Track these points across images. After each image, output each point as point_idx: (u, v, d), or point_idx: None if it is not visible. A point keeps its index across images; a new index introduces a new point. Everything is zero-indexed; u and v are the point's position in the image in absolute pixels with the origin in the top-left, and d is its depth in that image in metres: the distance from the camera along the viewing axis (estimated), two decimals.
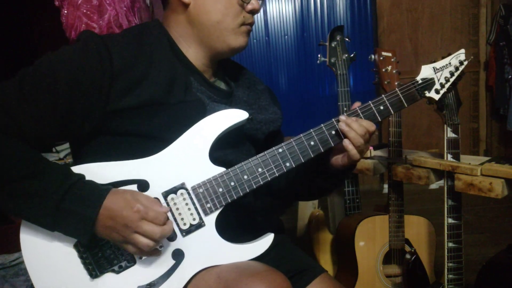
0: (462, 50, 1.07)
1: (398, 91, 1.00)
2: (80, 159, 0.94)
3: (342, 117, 0.95)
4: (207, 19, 0.98)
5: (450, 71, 1.05)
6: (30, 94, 0.84)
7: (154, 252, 0.89)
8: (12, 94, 0.84)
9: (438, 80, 1.05)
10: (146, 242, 0.84)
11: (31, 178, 0.82)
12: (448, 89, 1.06)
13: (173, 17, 1.01)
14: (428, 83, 1.04)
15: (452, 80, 1.06)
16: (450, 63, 1.05)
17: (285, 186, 1.16)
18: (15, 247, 1.97)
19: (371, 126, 0.97)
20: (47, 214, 0.83)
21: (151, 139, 0.92)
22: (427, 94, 1.04)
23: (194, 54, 1.01)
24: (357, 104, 1.00)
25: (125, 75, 0.89)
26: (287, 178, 1.14)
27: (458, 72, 1.06)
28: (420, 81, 1.03)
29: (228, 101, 1.05)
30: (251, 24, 1.03)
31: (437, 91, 1.05)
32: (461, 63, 1.06)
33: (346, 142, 0.95)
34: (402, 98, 1.00)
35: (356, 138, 0.94)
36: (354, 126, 0.95)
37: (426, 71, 1.05)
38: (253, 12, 1.01)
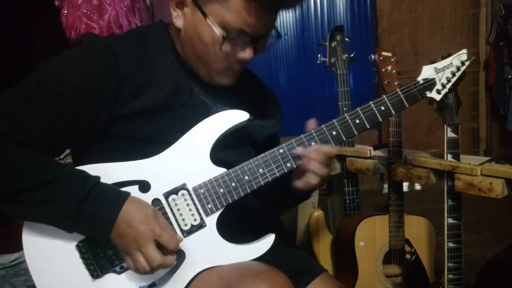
0: (464, 50, 1.05)
1: (399, 92, 0.99)
2: (81, 161, 0.93)
3: (300, 150, 0.93)
4: (192, 52, 0.95)
5: (451, 71, 1.04)
6: (37, 101, 0.83)
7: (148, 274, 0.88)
8: (19, 102, 0.83)
9: (440, 80, 1.03)
10: (144, 264, 0.84)
11: (47, 185, 0.82)
12: (450, 90, 1.05)
13: (174, 31, 0.98)
14: (430, 83, 1.02)
15: (453, 80, 1.04)
16: (451, 63, 1.04)
17: (268, 193, 1.14)
18: (15, 247, 1.97)
19: (332, 151, 0.93)
20: (67, 218, 0.83)
21: (155, 143, 0.92)
22: (428, 95, 1.03)
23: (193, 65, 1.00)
24: (311, 124, 0.97)
25: (131, 80, 0.88)
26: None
27: (460, 72, 1.04)
28: (421, 82, 1.02)
29: (231, 105, 1.04)
30: (241, 68, 0.97)
31: (438, 92, 1.03)
32: (462, 63, 1.04)
33: (308, 175, 0.93)
34: (403, 99, 0.99)
35: (318, 169, 0.92)
36: (313, 155, 0.92)
37: (427, 71, 1.03)
38: (243, 61, 0.94)
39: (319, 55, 1.69)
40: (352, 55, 1.67)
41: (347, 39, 1.68)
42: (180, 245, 0.91)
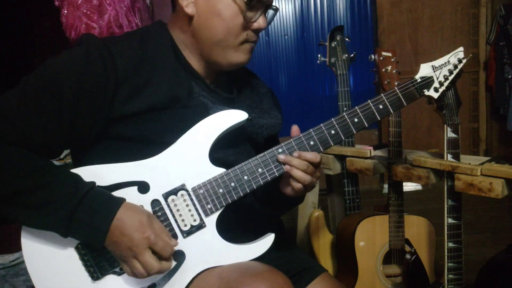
0: (461, 48, 1.07)
1: (397, 90, 1.00)
2: (80, 162, 0.93)
3: (281, 157, 0.93)
4: (209, 35, 0.96)
5: (449, 69, 1.05)
6: (34, 103, 0.83)
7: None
8: (16, 104, 0.83)
9: (437, 78, 1.05)
10: (142, 271, 0.84)
11: (41, 189, 0.81)
12: (447, 87, 1.06)
13: (178, 24, 0.99)
14: (427, 82, 1.04)
15: (451, 78, 1.06)
16: (448, 61, 1.06)
17: (263, 198, 1.14)
18: (15, 247, 1.97)
19: (315, 158, 0.93)
20: (60, 225, 0.83)
21: (154, 144, 0.91)
22: (426, 93, 1.04)
23: (196, 61, 1.00)
24: (295, 130, 0.97)
25: (129, 81, 0.88)
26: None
27: (457, 70, 1.06)
28: (419, 80, 1.03)
29: (230, 106, 1.04)
30: (255, 41, 1.01)
31: (436, 89, 1.05)
32: (459, 61, 1.06)
33: (291, 181, 0.93)
34: (401, 97, 1.00)
35: (302, 176, 0.92)
36: (294, 163, 0.92)
37: (424, 70, 1.04)
38: (259, 30, 0.99)
39: (319, 55, 1.69)
40: (352, 55, 1.67)
41: (347, 39, 1.68)
42: (180, 246, 0.91)
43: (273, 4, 1.02)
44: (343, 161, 1.64)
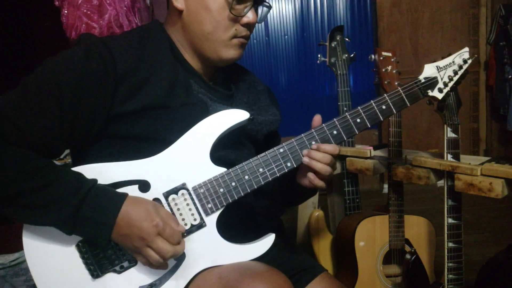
0: (466, 49, 1.05)
1: (400, 90, 0.98)
2: (80, 161, 0.93)
3: (305, 151, 0.94)
4: (198, 29, 0.97)
5: (453, 70, 1.04)
6: (35, 103, 0.83)
7: (162, 266, 0.88)
8: (17, 104, 0.83)
9: (442, 79, 1.03)
10: (157, 258, 0.85)
11: (44, 188, 0.81)
12: (452, 88, 1.05)
13: (171, 21, 1.01)
14: (431, 82, 1.02)
15: (455, 78, 1.04)
16: (453, 62, 1.04)
17: (278, 189, 1.15)
18: (15, 247, 1.97)
19: (334, 150, 0.94)
20: (64, 223, 0.83)
21: (154, 142, 0.92)
22: (430, 93, 1.02)
23: (191, 58, 1.01)
24: (317, 120, 0.97)
25: (128, 79, 0.89)
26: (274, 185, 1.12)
27: (462, 70, 1.04)
28: (423, 80, 1.01)
29: (229, 103, 1.05)
30: (246, 37, 1.00)
31: (440, 90, 1.03)
32: (465, 61, 1.04)
33: (311, 176, 0.94)
34: (404, 98, 0.98)
35: (323, 168, 0.93)
36: (316, 156, 0.93)
37: (429, 70, 1.03)
38: (249, 25, 0.99)
39: (319, 55, 1.69)
40: (352, 55, 1.67)
41: (347, 39, 1.68)
42: None
43: (268, 1, 1.02)
44: (343, 161, 1.64)
